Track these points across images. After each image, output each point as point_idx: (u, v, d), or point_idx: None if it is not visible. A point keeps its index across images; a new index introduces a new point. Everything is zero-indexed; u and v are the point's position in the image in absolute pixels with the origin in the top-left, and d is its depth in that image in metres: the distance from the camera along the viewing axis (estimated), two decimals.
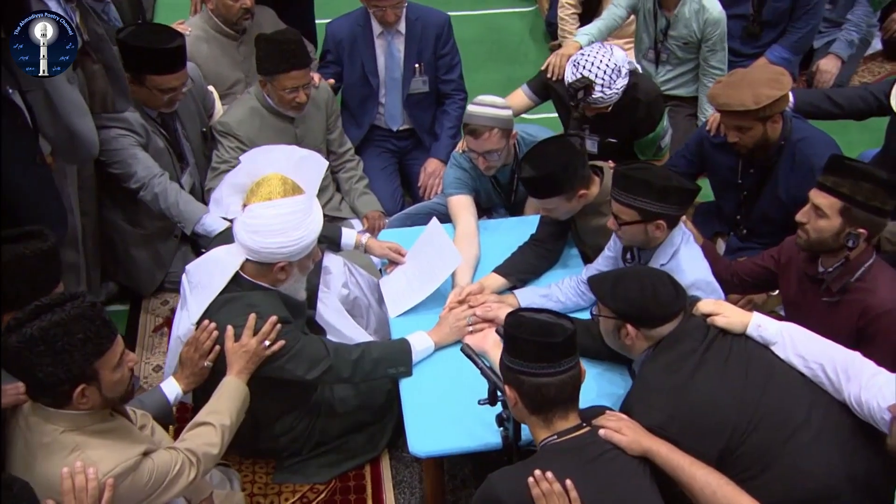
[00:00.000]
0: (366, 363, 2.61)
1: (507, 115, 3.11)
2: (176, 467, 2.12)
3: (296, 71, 3.26)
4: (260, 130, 3.39)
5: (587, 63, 3.34)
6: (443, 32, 3.90)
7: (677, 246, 2.61)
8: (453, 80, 4.00)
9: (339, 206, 3.72)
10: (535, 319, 2.09)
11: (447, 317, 2.79)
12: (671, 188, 2.51)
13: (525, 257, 3.03)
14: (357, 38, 3.84)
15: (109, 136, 3.14)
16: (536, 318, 2.09)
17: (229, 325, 2.45)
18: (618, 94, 3.38)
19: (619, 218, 2.60)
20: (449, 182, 3.31)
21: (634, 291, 2.27)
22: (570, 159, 2.79)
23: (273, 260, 2.49)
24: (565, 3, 5.02)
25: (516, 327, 2.06)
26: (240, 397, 2.40)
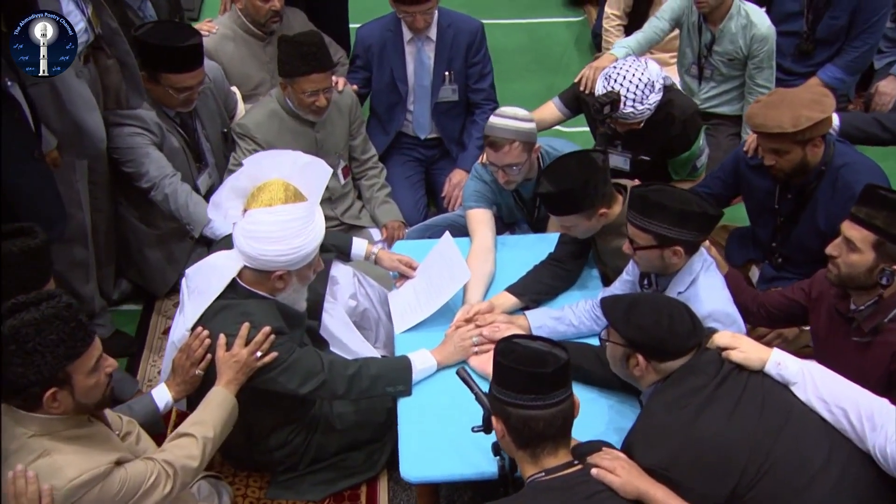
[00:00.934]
0: (362, 380, 2.52)
1: (530, 127, 3.00)
2: (151, 479, 2.06)
3: (316, 74, 3.20)
4: (279, 133, 3.33)
5: (619, 77, 3.22)
6: (475, 40, 3.81)
7: (696, 274, 2.47)
8: (484, 89, 3.91)
9: (358, 215, 3.65)
10: (528, 347, 1.98)
11: (453, 335, 2.69)
12: (690, 213, 2.37)
13: (540, 277, 2.92)
14: (387, 44, 3.78)
15: (123, 133, 3.12)
16: (529, 346, 1.98)
17: (221, 334, 2.39)
18: (650, 109, 3.25)
19: (635, 242, 2.47)
20: (468, 195, 3.21)
21: (649, 320, 2.14)
22: (591, 176, 2.67)
23: (271, 268, 2.42)
24: (610, 14, 4.89)
25: (506, 355, 1.95)
26: (227, 409, 2.33)
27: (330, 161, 3.47)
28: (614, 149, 3.62)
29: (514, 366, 1.90)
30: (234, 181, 2.43)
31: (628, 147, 3.55)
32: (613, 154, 3.63)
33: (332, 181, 3.52)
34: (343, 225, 3.59)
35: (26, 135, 2.43)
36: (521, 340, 2.03)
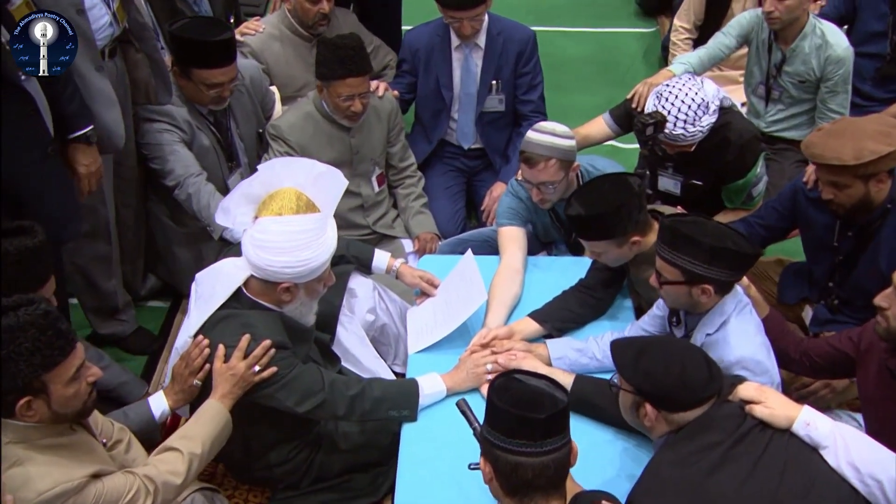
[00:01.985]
0: (365, 401, 2.43)
1: (568, 145, 2.86)
2: (129, 494, 1.99)
3: (352, 78, 3.12)
4: (313, 137, 3.27)
5: (670, 95, 3.04)
6: (526, 49, 3.68)
7: (728, 315, 2.29)
8: (532, 101, 3.77)
9: (391, 224, 3.56)
10: (526, 386, 1.84)
11: (466, 361, 2.57)
12: (723, 250, 2.19)
13: (567, 304, 2.77)
14: (434, 49, 3.68)
15: (152, 129, 3.10)
16: (527, 385, 1.85)
17: (221, 344, 2.32)
18: (702, 132, 3.06)
19: (661, 275, 2.31)
20: (502, 211, 3.08)
21: (659, 368, 1.98)
22: (626, 201, 2.51)
23: (277, 279, 2.34)
24: (679, 27, 4.69)
25: (500, 393, 1.82)
26: (219, 424, 2.26)
27: (364, 168, 3.41)
28: (665, 171, 3.44)
29: (506, 407, 1.77)
30: (246, 186, 2.36)
31: (680, 170, 3.37)
32: (664, 176, 3.46)
33: (366, 188, 3.45)
34: (375, 234, 3.51)
35: (40, 131, 2.40)
36: (521, 377, 1.89)
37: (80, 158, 2.65)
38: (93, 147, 2.67)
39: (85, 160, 2.65)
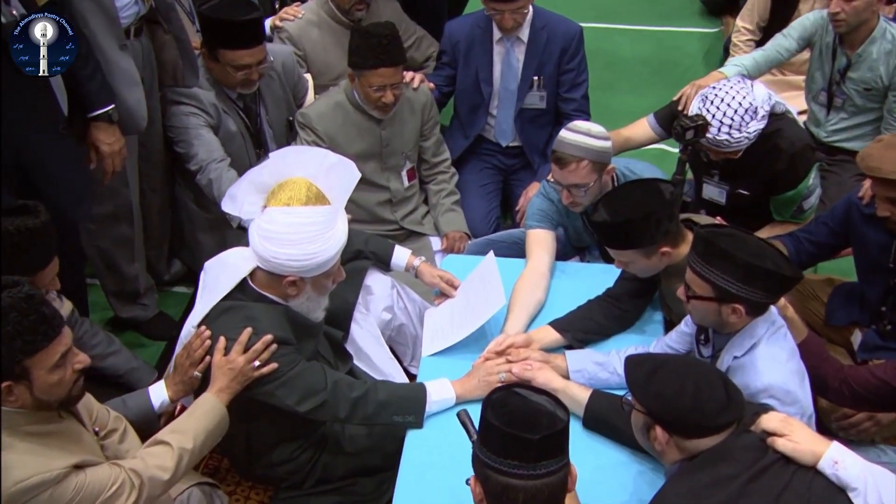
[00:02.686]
0: (368, 405, 2.33)
1: (602, 146, 2.71)
2: (112, 488, 1.93)
3: (384, 68, 3.02)
4: (342, 127, 3.19)
5: (716, 98, 2.88)
6: (571, 45, 3.54)
7: (758, 338, 2.12)
8: (575, 99, 3.62)
9: (420, 220, 3.45)
10: (525, 402, 1.72)
11: (479, 368, 2.46)
12: (759, 270, 2.03)
13: (591, 314, 2.63)
14: (475, 42, 3.56)
15: (179, 112, 3.06)
16: (527, 402, 1.73)
17: (222, 336, 2.26)
18: (748, 138, 2.89)
19: (690, 289, 2.16)
20: (531, 213, 2.96)
21: (672, 389, 1.84)
22: (655, 209, 2.37)
23: (282, 272, 2.26)
24: (742, 28, 4.49)
25: (495, 408, 1.70)
26: (213, 419, 2.18)
27: (395, 161, 3.32)
28: (710, 178, 3.27)
29: (499, 424, 1.65)
30: (255, 174, 2.29)
31: (726, 178, 3.20)
32: (708, 184, 3.29)
33: (395, 183, 3.36)
34: (402, 230, 3.41)
35: (51, 109, 2.37)
36: (523, 392, 1.77)
37: (102, 137, 2.61)
38: (115, 126, 2.64)
39: (107, 139, 2.62)
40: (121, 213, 3.02)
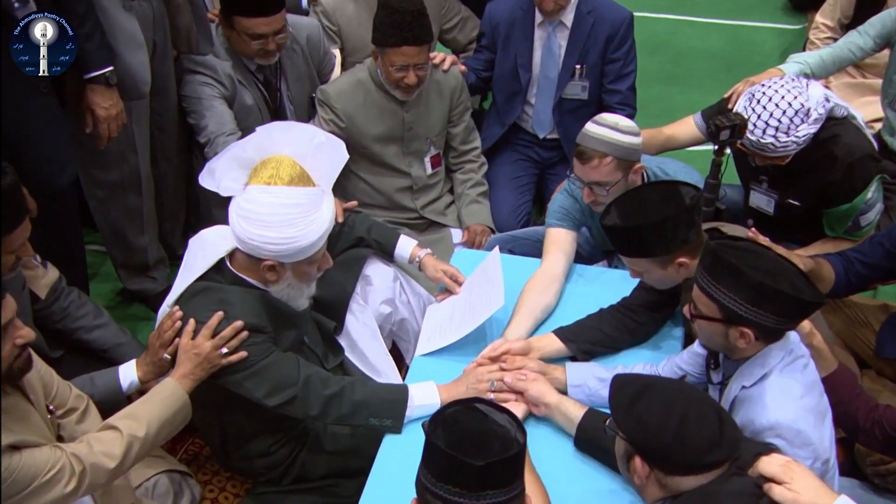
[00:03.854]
0: (343, 404, 2.18)
1: (630, 142, 2.49)
2: (50, 472, 1.82)
3: (408, 47, 2.85)
4: (362, 107, 3.03)
5: (763, 97, 2.62)
6: (618, 33, 3.30)
7: (770, 368, 1.88)
8: (620, 91, 3.38)
9: (443, 210, 3.28)
10: (481, 422, 1.54)
11: (470, 373, 2.29)
12: (772, 291, 1.79)
13: (601, 324, 2.42)
14: (515, 24, 3.36)
15: (193, 81, 2.96)
16: (483, 421, 1.54)
17: (192, 319, 2.14)
18: (797, 143, 2.62)
19: (696, 307, 1.93)
20: (553, 210, 2.76)
21: (656, 417, 1.63)
22: (672, 215, 2.14)
23: (260, 255, 2.13)
24: (821, 24, 4.16)
25: (446, 425, 1.53)
26: (171, 406, 2.06)
27: (417, 146, 3.16)
28: (758, 185, 3.00)
29: (442, 444, 1.48)
30: (238, 149, 2.15)
31: (776, 186, 2.93)
32: (756, 191, 3.02)
33: (417, 169, 3.19)
34: (423, 219, 3.25)
35: None
36: (482, 408, 1.59)
37: (97, 100, 2.53)
38: (112, 89, 2.55)
39: (104, 102, 2.54)
40: (128, 181, 2.94)
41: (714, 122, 2.48)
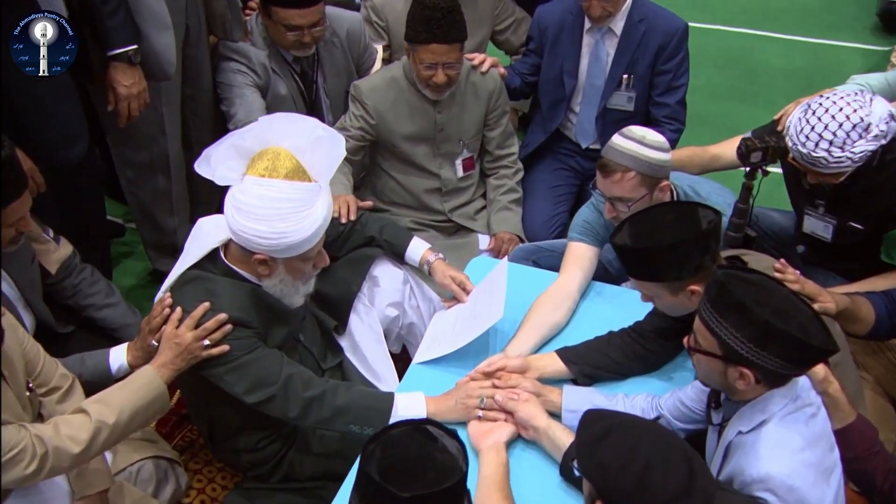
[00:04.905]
0: (324, 408, 2.08)
1: (657, 157, 2.30)
2: (11, 452, 1.76)
3: (437, 45, 2.72)
4: (393, 104, 2.92)
5: (819, 108, 2.37)
6: (669, 43, 3.10)
7: (770, 415, 1.69)
8: (668, 105, 3.18)
9: (473, 215, 3.14)
10: (423, 446, 1.41)
11: (461, 387, 2.15)
12: (778, 333, 1.60)
13: (608, 348, 2.25)
14: (564, 29, 3.19)
15: (228, 68, 2.91)
16: (426, 445, 1.42)
17: (179, 308, 2.07)
18: (852, 160, 2.36)
19: (696, 339, 1.75)
20: (576, 223, 2.59)
21: (618, 462, 1.46)
22: (685, 239, 1.95)
23: (250, 248, 2.05)
24: None
25: (384, 448, 1.41)
26: (146, 395, 1.99)
27: (449, 148, 3.03)
28: (813, 209, 2.76)
29: (371, 469, 1.35)
30: (237, 137, 2.07)
31: (834, 210, 2.67)
32: (811, 216, 2.77)
33: (447, 171, 3.07)
34: (451, 223, 3.12)
35: None
36: (433, 430, 1.47)
37: (119, 78, 2.50)
38: (135, 68, 2.52)
39: (125, 80, 2.50)
40: (157, 163, 2.91)
41: (745, 143, 2.27)
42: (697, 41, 5.27)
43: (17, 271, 2.32)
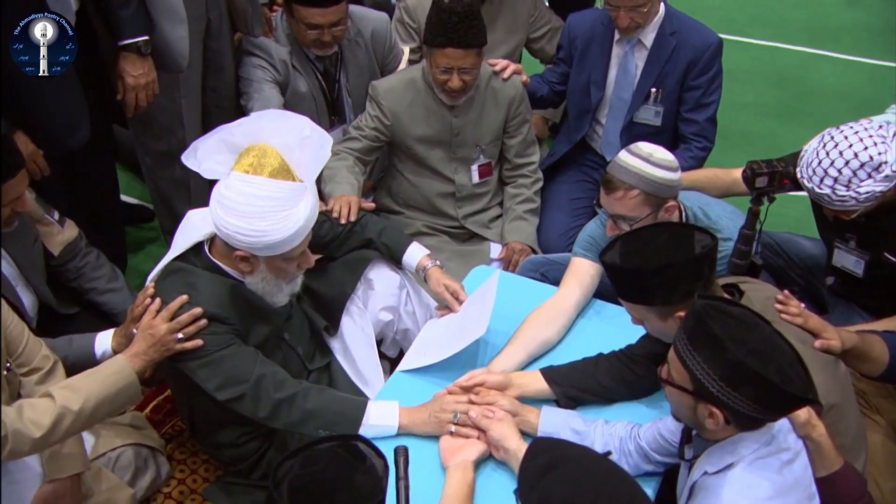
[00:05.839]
0: (293, 410, 2.01)
1: (662, 176, 2.16)
2: None
3: (452, 49, 2.62)
4: (409, 107, 2.83)
5: (830, 141, 2.22)
6: (701, 58, 2.93)
7: (739, 458, 1.54)
8: (697, 122, 3.01)
9: (487, 223, 3.02)
10: (345, 466, 1.33)
11: (438, 400, 2.05)
12: (752, 375, 1.45)
13: (595, 371, 2.11)
14: (594, 39, 3.05)
15: (249, 63, 2.87)
16: (351, 465, 1.33)
17: (159, 298, 2.03)
18: (857, 199, 2.19)
19: (669, 371, 1.62)
20: (581, 238, 2.47)
21: (558, 498, 1.34)
22: (675, 262, 1.81)
23: (232, 243, 1.99)
24: None
25: (303, 465, 1.33)
26: (115, 384, 1.93)
27: (465, 153, 2.93)
28: (844, 243, 2.57)
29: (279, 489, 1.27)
30: (226, 132, 2.00)
31: (866, 244, 2.48)
32: (841, 249, 2.58)
33: (462, 176, 2.96)
34: (464, 230, 3.01)
35: None
36: (363, 448, 1.38)
37: (128, 68, 2.48)
38: (145, 59, 2.49)
39: (133, 71, 2.48)
40: (175, 153, 2.84)
41: (751, 166, 2.10)
42: (751, 57, 5.05)
43: (17, 250, 2.31)
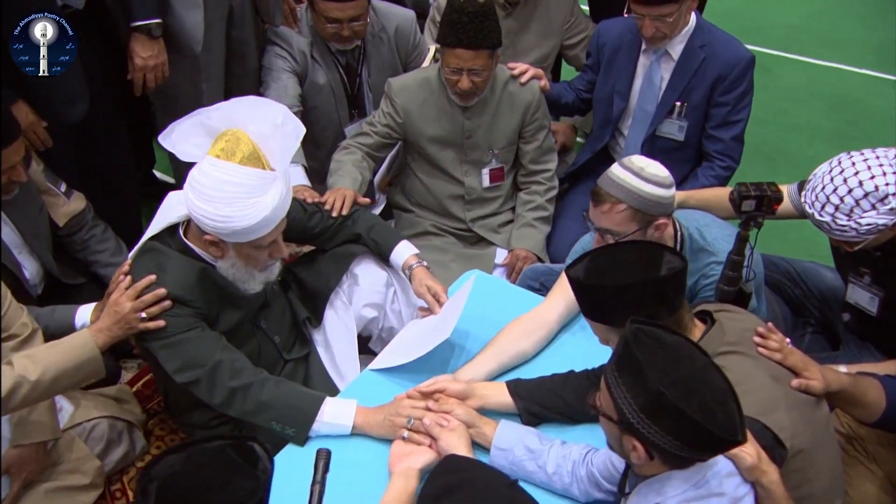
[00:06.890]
0: (248, 400, 1.94)
1: (652, 192, 2.00)
2: None
3: (462, 50, 2.51)
4: (422, 106, 2.73)
5: (837, 168, 2.02)
6: (730, 74, 2.73)
7: (665, 498, 1.40)
8: (723, 140, 2.81)
9: (496, 228, 2.90)
10: (227, 467, 1.24)
11: (395, 403, 1.95)
12: (672, 409, 1.31)
13: (562, 388, 1.97)
14: (621, 48, 2.89)
15: (270, 52, 2.84)
16: (240, 466, 1.24)
17: (129, 276, 1.99)
18: (857, 230, 1.99)
19: (599, 397, 1.48)
20: (575, 250, 2.35)
21: None
22: (637, 283, 1.66)
23: (201, 227, 1.94)
24: None
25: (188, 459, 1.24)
26: (76, 357, 1.89)
27: (476, 156, 2.82)
28: (858, 279, 2.35)
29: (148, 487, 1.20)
30: (204, 115, 1.94)
31: (881, 280, 2.26)
32: (856, 285, 2.37)
33: (472, 179, 2.85)
34: (471, 233, 2.90)
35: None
36: (258, 450, 1.30)
37: (137, 49, 2.47)
38: (155, 41, 2.47)
39: (143, 52, 2.46)
40: None
41: (739, 189, 1.92)
42: (810, 78, 4.75)
43: (20, 219, 2.33)
